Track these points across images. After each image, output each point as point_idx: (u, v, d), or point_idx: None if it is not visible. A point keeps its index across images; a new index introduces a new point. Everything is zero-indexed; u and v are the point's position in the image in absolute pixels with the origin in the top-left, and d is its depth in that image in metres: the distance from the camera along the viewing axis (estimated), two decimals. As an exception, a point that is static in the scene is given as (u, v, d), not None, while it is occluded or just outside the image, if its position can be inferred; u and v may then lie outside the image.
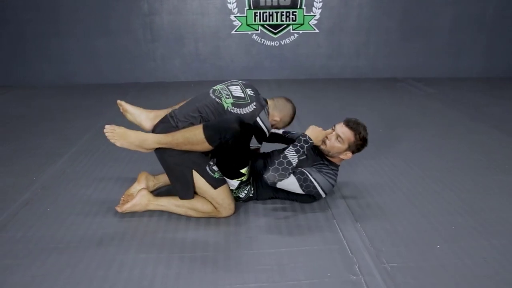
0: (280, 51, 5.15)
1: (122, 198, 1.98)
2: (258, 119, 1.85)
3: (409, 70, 5.30)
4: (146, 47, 4.98)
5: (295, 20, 5.00)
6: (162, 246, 1.65)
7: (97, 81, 5.07)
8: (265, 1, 4.90)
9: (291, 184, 1.75)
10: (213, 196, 1.79)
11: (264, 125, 1.88)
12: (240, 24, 4.99)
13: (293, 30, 5.06)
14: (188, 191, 1.78)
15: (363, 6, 4.99)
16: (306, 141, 1.78)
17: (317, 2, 4.94)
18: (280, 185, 1.75)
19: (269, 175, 1.72)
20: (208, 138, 1.64)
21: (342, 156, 1.87)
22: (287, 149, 1.79)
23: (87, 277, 1.46)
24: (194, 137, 1.66)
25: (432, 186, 2.20)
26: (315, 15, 5.01)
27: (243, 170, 1.79)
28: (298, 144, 1.78)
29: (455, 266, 1.52)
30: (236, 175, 1.81)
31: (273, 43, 5.12)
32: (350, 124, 1.83)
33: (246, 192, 1.91)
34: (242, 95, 1.89)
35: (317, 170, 1.84)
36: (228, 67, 5.19)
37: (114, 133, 1.73)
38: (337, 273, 1.48)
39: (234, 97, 1.87)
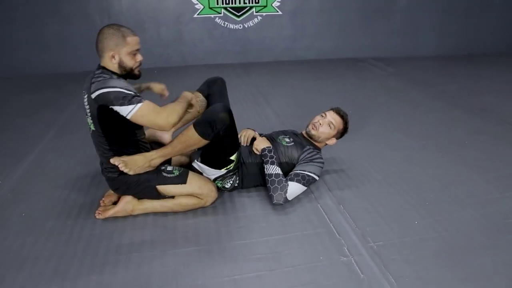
0: (243, 34, 5.10)
1: (102, 200, 1.90)
2: (92, 95, 1.55)
3: (369, 50, 5.48)
4: (103, 33, 4.73)
5: (258, 2, 4.96)
6: (153, 244, 1.64)
7: (51, 70, 4.77)
8: (227, -17, 4.82)
9: (297, 190, 1.85)
10: (190, 191, 1.78)
11: (107, 86, 1.54)
12: (202, 7, 4.87)
13: (256, 12, 5.02)
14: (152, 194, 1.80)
15: (324, -13, 5.04)
16: (269, 151, 1.92)
17: (279, -16, 4.93)
18: (290, 195, 1.82)
19: (276, 197, 1.80)
20: (202, 134, 1.65)
21: (328, 142, 2.06)
22: (266, 169, 1.88)
23: (81, 283, 1.42)
24: (190, 139, 1.67)
25: (404, 164, 2.33)
26: (278, -3, 5.00)
27: (232, 157, 1.81)
28: (267, 159, 1.89)
29: (434, 239, 1.65)
30: (224, 163, 1.82)
31: (236, 26, 5.06)
32: (341, 112, 2.07)
33: (231, 182, 1.93)
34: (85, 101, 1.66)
35: (308, 162, 1.93)
36: (192, 52, 5.08)
37: (125, 164, 1.65)
38: (328, 255, 1.55)
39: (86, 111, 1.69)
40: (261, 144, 1.96)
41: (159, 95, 2.08)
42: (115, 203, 1.89)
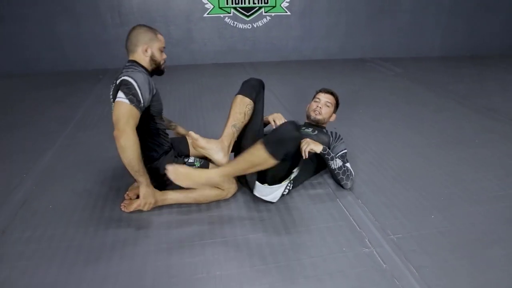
0: (252, 33, 5.15)
1: (127, 194, 1.97)
2: (117, 81, 1.65)
3: (376, 50, 5.53)
4: (115, 31, 4.78)
5: (267, 3, 5.01)
6: (182, 236, 1.69)
7: (63, 68, 4.82)
8: (237, -17, 4.87)
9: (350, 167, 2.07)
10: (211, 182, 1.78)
11: (130, 76, 1.62)
12: (212, 7, 4.92)
13: (265, 12, 5.07)
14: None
15: (332, -13, 5.09)
16: (326, 149, 1.96)
17: (288, -16, 4.98)
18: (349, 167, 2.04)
19: (350, 183, 2.01)
20: (273, 155, 1.52)
21: (331, 119, 2.30)
22: (331, 165, 1.98)
23: (112, 272, 1.48)
24: (257, 159, 1.55)
25: (417, 161, 2.39)
26: (286, -3, 5.05)
27: (295, 169, 1.87)
28: (330, 156, 1.97)
29: (450, 232, 1.71)
30: (286, 176, 1.85)
31: (245, 26, 5.11)
32: (329, 90, 2.29)
33: (288, 188, 1.91)
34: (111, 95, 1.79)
35: (337, 143, 2.16)
36: (201, 51, 5.13)
37: (177, 174, 1.59)
38: (350, 247, 1.61)
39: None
40: (317, 146, 1.91)
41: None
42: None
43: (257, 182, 1.80)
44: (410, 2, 5.35)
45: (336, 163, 1.97)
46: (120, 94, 1.58)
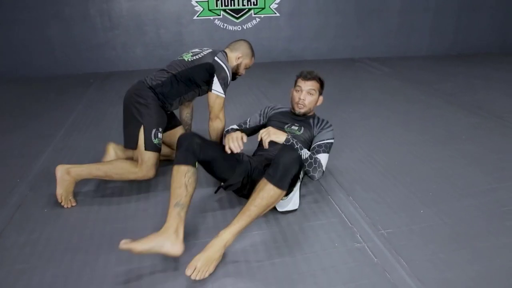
0: (242, 35, 5.18)
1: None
2: (216, 58, 2.06)
3: (365, 50, 5.62)
4: (105, 35, 4.78)
5: (256, 4, 5.06)
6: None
7: (53, 72, 4.81)
8: (226, -14, 4.91)
9: (326, 159, 1.91)
10: (141, 153, 1.97)
11: (223, 63, 2.06)
12: (202, 9, 4.95)
13: (254, 14, 5.12)
14: (131, 141, 2.00)
15: (320, -11, 5.16)
16: (292, 139, 1.80)
17: (277, -14, 5.04)
18: (324, 167, 1.88)
19: (317, 174, 1.82)
20: (282, 187, 1.56)
21: (318, 103, 2.10)
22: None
23: (111, 273, 1.50)
24: (271, 199, 1.55)
25: (405, 158, 2.45)
26: (275, -1, 5.11)
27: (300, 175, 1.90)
28: (296, 147, 1.78)
29: (439, 226, 1.76)
30: (296, 181, 1.84)
31: (235, 28, 5.15)
32: (308, 75, 2.02)
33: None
34: (199, 50, 2.19)
35: (321, 131, 2.02)
36: (192, 53, 5.14)
37: (201, 272, 1.43)
38: (342, 242, 1.66)
39: (192, 52, 2.19)
40: (279, 136, 1.79)
41: None
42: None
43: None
44: (398, 3, 5.45)
45: (304, 154, 1.79)
46: (217, 86, 2.05)
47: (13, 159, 2.50)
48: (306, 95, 2.02)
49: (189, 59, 2.09)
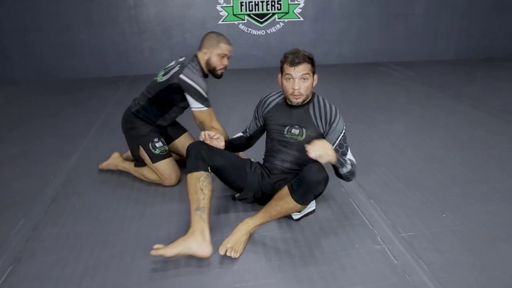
0: (266, 39, 5.25)
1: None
2: (181, 75, 1.99)
3: (389, 55, 5.56)
4: (132, 40, 4.95)
5: (280, 9, 5.11)
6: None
7: (83, 75, 5.01)
8: (251, -9, 4.99)
9: (351, 155, 1.83)
10: (154, 167, 2.16)
11: (189, 78, 1.99)
12: (226, 14, 5.05)
13: (278, 19, 5.18)
14: (139, 161, 2.22)
15: (344, -7, 5.16)
16: (341, 163, 1.71)
17: (301, -9, 5.08)
18: (351, 158, 1.80)
19: (350, 179, 1.81)
20: (302, 203, 1.63)
21: (314, 85, 1.82)
22: (342, 170, 1.74)
23: (136, 266, 1.57)
24: (290, 210, 1.67)
25: (429, 163, 2.42)
26: (299, 4, 5.14)
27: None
28: (340, 165, 1.71)
29: (461, 230, 1.74)
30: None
31: (259, 32, 5.22)
32: (297, 59, 1.70)
33: None
34: (173, 64, 2.15)
35: (330, 127, 1.80)
36: (216, 57, 5.25)
37: (233, 250, 1.60)
38: (363, 244, 1.67)
39: (164, 68, 2.17)
40: (331, 158, 1.60)
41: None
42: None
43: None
44: (423, 6, 5.37)
45: (346, 168, 1.73)
46: (194, 103, 2.03)
47: (47, 158, 2.64)
48: (301, 83, 1.72)
49: (160, 80, 2.09)
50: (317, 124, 1.80)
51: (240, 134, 2.10)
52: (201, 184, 1.64)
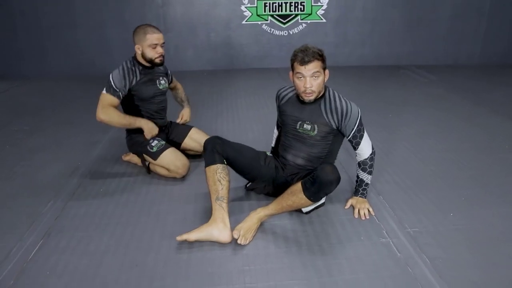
0: (288, 40, 5.33)
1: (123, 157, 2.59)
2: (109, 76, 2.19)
3: (411, 58, 5.53)
4: (159, 38, 5.14)
5: (303, 10, 5.19)
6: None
7: (111, 70, 5.21)
8: (274, -8, 5.09)
9: (368, 139, 1.86)
10: (160, 164, 2.26)
11: (111, 74, 2.18)
12: (250, 14, 5.16)
13: (301, 20, 5.25)
14: (146, 162, 2.38)
15: (368, -4, 5.18)
16: (367, 190, 1.94)
17: (324, -7, 5.14)
18: (370, 147, 1.87)
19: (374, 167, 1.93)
20: (313, 200, 1.73)
21: (326, 80, 1.82)
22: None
23: (155, 245, 1.70)
24: (301, 206, 1.78)
25: (442, 164, 2.45)
26: (322, 5, 5.20)
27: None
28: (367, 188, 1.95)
29: (467, 229, 1.78)
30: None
31: (282, 33, 5.31)
32: (307, 57, 1.70)
33: None
34: None
35: (344, 117, 1.81)
36: (239, 56, 5.38)
37: (244, 237, 1.70)
38: (368, 236, 1.74)
39: None
40: (367, 204, 1.92)
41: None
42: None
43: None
44: (449, 10, 5.31)
45: (370, 180, 1.93)
46: (104, 88, 2.19)
47: (76, 146, 2.83)
48: (312, 81, 1.73)
49: None
50: (328, 119, 1.82)
51: (276, 133, 2.17)
52: (218, 176, 1.77)
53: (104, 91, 2.18)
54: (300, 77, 1.74)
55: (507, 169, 2.37)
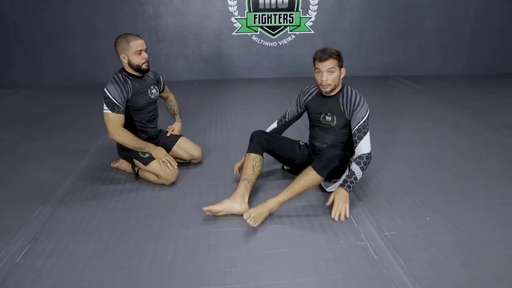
0: (278, 51, 5.45)
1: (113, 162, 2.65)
2: (104, 88, 2.25)
3: (399, 68, 5.67)
4: (151, 48, 5.20)
5: (292, 22, 5.32)
6: (198, 225, 1.95)
7: (104, 80, 5.26)
8: (264, 4, 5.22)
9: (368, 140, 2.07)
10: (150, 170, 2.32)
11: (106, 88, 2.24)
12: (240, 26, 5.28)
13: (290, 31, 5.38)
14: (135, 168, 2.44)
15: (355, 8, 5.33)
16: (348, 188, 2.00)
17: (312, 5, 5.27)
18: (367, 148, 2.06)
19: (369, 164, 2.08)
20: (322, 175, 1.96)
21: (342, 76, 2.10)
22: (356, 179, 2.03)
23: (140, 249, 1.75)
24: (312, 183, 1.96)
25: (422, 171, 2.53)
26: (311, 17, 5.34)
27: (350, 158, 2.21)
28: (351, 187, 2.02)
29: (443, 232, 1.86)
30: (346, 166, 2.19)
31: (271, 44, 5.42)
32: (323, 56, 2.02)
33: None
34: None
35: (354, 111, 2.08)
36: (229, 67, 5.48)
37: (253, 219, 1.85)
38: (347, 240, 1.80)
39: None
40: (345, 197, 1.98)
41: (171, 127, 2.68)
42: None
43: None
44: (434, 22, 5.47)
45: (360, 175, 2.01)
46: (104, 106, 2.23)
47: (65, 153, 2.88)
48: (328, 75, 2.03)
49: None
50: (343, 111, 2.12)
51: (274, 125, 2.46)
52: (253, 163, 2.12)
53: (108, 111, 2.23)
54: (318, 72, 2.07)
55: (483, 176, 2.46)
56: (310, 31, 5.40)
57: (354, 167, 2.02)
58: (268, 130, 2.42)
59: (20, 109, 4.17)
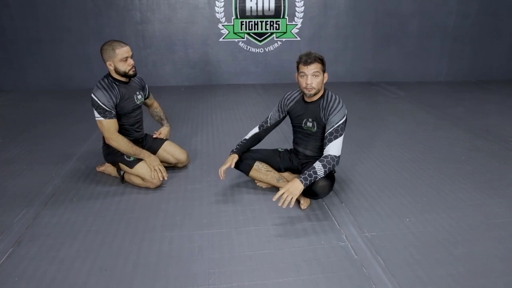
0: (264, 57, 5.52)
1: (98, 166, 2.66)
2: (92, 94, 2.26)
3: (383, 75, 5.79)
4: (138, 54, 5.23)
5: (278, 29, 5.40)
6: (182, 226, 1.97)
7: (91, 86, 5.24)
8: (251, 11, 5.29)
9: (339, 143, 2.06)
10: (136, 173, 2.34)
11: (93, 93, 2.25)
12: (227, 32, 5.34)
13: (276, 38, 5.46)
14: (120, 171, 2.45)
15: (340, 16, 5.44)
16: (305, 180, 1.94)
17: (298, 13, 5.37)
18: (338, 151, 2.05)
19: (336, 165, 2.07)
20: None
21: (324, 81, 2.12)
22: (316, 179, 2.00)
23: (124, 251, 1.76)
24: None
25: (403, 174, 2.60)
26: (297, 24, 5.43)
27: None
28: (309, 181, 1.97)
29: (421, 233, 1.92)
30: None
31: (258, 50, 5.49)
32: (309, 59, 2.02)
33: None
34: None
35: (331, 114, 2.08)
36: (216, 72, 5.52)
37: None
38: (328, 240, 1.85)
39: None
40: (297, 191, 1.91)
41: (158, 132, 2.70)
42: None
43: None
44: (416, 29, 5.62)
45: (320, 176, 1.98)
46: (96, 114, 2.25)
47: (50, 158, 2.86)
48: (312, 79, 2.05)
49: None
50: (322, 116, 2.13)
51: (255, 130, 2.40)
52: (264, 169, 2.28)
53: (100, 118, 2.25)
54: (303, 75, 2.07)
55: (461, 178, 2.54)
56: (296, 37, 5.49)
57: (317, 164, 1.99)
58: (249, 136, 2.37)
59: (5, 114, 4.13)
